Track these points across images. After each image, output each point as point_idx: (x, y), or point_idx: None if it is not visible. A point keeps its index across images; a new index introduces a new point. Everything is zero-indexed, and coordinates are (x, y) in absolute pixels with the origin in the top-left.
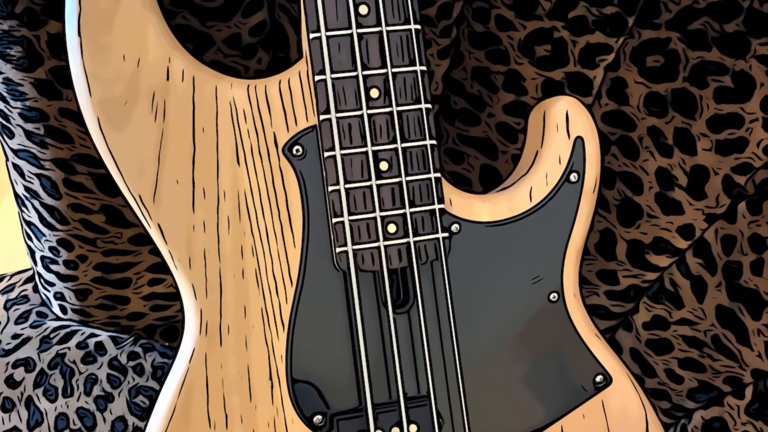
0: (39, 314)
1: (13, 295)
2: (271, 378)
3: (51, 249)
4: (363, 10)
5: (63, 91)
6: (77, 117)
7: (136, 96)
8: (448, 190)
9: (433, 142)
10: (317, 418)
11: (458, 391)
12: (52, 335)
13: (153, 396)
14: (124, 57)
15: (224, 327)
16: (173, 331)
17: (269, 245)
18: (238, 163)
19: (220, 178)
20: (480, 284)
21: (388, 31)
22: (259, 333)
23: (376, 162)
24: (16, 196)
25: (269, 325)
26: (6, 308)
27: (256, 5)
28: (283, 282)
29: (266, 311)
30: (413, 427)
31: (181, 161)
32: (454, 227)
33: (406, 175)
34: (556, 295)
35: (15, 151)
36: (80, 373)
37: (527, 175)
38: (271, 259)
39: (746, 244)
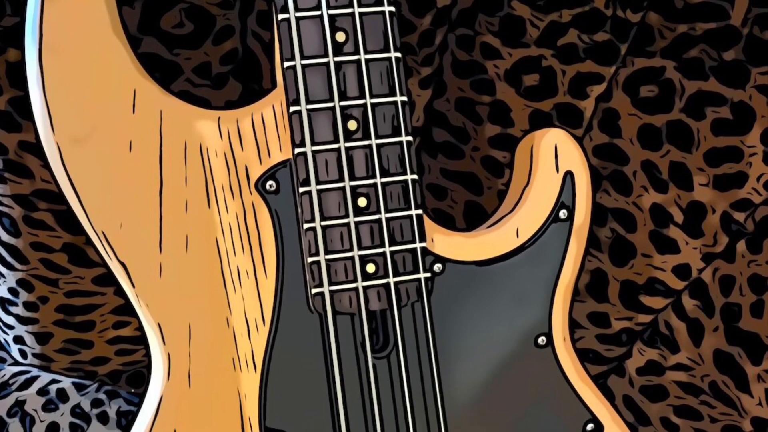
0: None
1: None
2: (243, 427)
3: (10, 290)
4: (340, 37)
5: (23, 123)
6: (38, 150)
7: (100, 128)
8: (430, 227)
9: (415, 176)
10: None
11: None
12: (11, 381)
13: None
14: (88, 87)
15: (193, 372)
16: (139, 377)
17: (241, 286)
18: (208, 198)
19: (189, 214)
20: (464, 327)
21: (366, 60)
22: (230, 379)
23: (354, 198)
24: None
25: (241, 370)
26: None
27: (227, 32)
28: (256, 325)
29: (238, 356)
30: None
31: (147, 196)
32: (437, 267)
33: (386, 211)
34: (544, 338)
35: None
36: (41, 422)
37: (514, 211)
38: (243, 301)
39: (746, 284)
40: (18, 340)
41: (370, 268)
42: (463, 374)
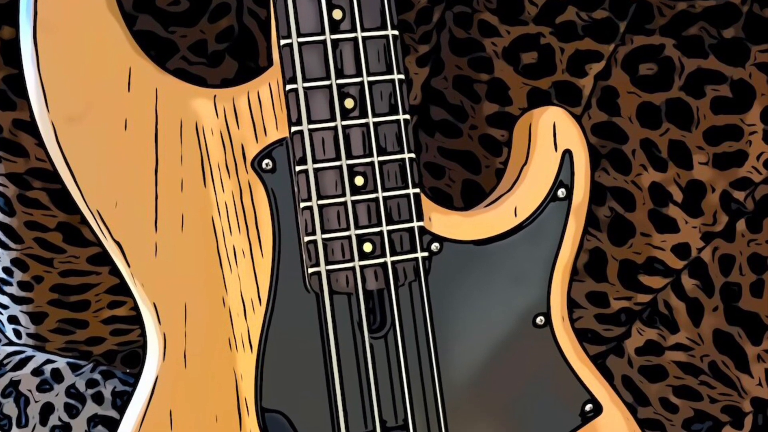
0: None
1: None
2: (239, 408)
3: (4, 269)
4: (337, 14)
5: (17, 102)
6: (32, 129)
7: (95, 107)
8: (428, 206)
9: (412, 155)
10: None
11: (439, 420)
12: (5, 361)
13: (113, 426)
14: (83, 65)
15: (189, 353)
16: (135, 357)
17: (237, 265)
18: (204, 177)
19: (185, 193)
20: (462, 307)
21: (363, 38)
22: (226, 359)
23: (351, 177)
24: None
25: (237, 350)
26: None
27: (222, 10)
28: (252, 305)
29: (234, 336)
30: None
31: (143, 175)
32: (434, 246)
33: (383, 190)
34: (542, 318)
35: None
36: (36, 402)
37: (512, 190)
38: (239, 280)
39: (745, 264)
40: (12, 319)
41: (367, 247)
42: (461, 354)
